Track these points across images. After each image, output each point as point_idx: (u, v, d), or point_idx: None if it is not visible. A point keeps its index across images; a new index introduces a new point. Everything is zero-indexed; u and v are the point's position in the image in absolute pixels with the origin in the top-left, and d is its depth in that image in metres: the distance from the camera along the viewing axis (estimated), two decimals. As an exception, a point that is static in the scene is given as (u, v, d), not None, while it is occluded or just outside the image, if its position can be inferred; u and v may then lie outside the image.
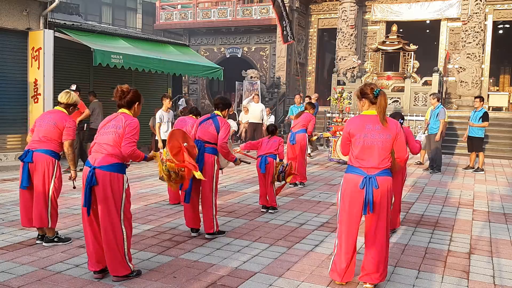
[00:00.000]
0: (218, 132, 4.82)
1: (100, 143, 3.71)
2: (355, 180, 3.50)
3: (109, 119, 3.84)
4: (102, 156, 3.64)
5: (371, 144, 3.49)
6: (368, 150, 3.49)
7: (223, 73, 13.59)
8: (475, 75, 16.38)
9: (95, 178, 3.59)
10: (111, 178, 3.59)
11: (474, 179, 9.28)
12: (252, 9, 20.81)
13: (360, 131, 3.54)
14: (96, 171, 3.60)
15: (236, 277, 3.76)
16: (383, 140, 3.48)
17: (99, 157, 3.65)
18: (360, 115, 3.67)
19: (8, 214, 5.60)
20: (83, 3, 22.11)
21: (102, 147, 3.68)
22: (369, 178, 3.45)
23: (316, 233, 5.12)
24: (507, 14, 17.70)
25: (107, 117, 3.89)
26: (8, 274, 3.70)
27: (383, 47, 15.71)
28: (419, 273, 3.97)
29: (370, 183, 3.44)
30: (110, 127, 3.73)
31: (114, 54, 10.20)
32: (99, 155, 3.67)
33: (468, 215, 6.20)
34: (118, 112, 3.84)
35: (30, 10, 9.51)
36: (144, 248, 4.42)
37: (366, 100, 3.61)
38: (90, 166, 3.64)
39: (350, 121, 3.73)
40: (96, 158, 3.66)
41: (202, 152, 4.76)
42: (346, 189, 3.57)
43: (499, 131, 14.00)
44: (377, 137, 3.48)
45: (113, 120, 3.78)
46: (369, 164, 3.48)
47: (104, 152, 3.65)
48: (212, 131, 4.83)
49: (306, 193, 7.39)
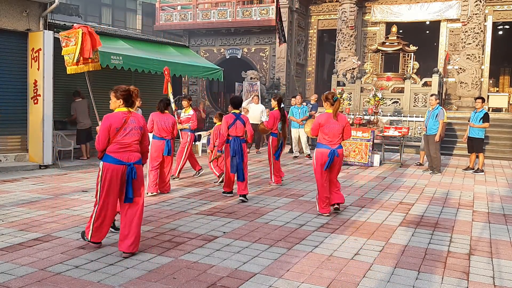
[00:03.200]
0: (245, 126, 6.83)
1: (128, 142, 4.26)
2: (325, 152, 5.83)
3: (123, 119, 4.26)
4: (134, 154, 4.31)
5: (333, 130, 5.84)
6: (331, 134, 5.84)
7: (223, 74, 13.59)
8: (475, 76, 16.38)
9: (136, 172, 4.27)
10: (139, 170, 4.36)
11: (474, 180, 9.28)
12: (252, 10, 20.82)
13: (326, 122, 5.86)
14: (136, 166, 4.30)
15: (236, 278, 3.76)
16: (338, 128, 5.86)
17: (132, 155, 4.29)
18: (325, 113, 5.96)
19: (8, 215, 5.60)
20: (83, 4, 22.12)
21: (131, 146, 4.29)
22: (333, 150, 5.82)
23: (316, 234, 5.12)
24: (506, 15, 17.71)
25: (118, 117, 4.25)
26: (8, 275, 3.70)
27: (383, 48, 15.70)
28: (419, 274, 3.97)
29: (333, 153, 5.81)
30: (131, 129, 4.28)
31: (114, 55, 10.21)
32: (131, 153, 4.28)
33: (468, 216, 6.20)
34: (127, 111, 4.33)
35: (30, 11, 9.51)
36: (144, 249, 4.42)
37: (328, 103, 5.95)
38: (126, 163, 4.24)
39: (319, 116, 6.00)
40: (129, 156, 4.26)
41: (240, 144, 6.73)
42: (319, 157, 5.87)
43: (499, 132, 14.01)
44: (335, 126, 5.85)
45: (130, 121, 4.29)
46: (332, 142, 5.85)
47: (134, 150, 4.32)
48: (242, 127, 6.81)
49: (306, 194, 7.39)
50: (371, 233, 5.21)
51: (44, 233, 4.85)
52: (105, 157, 4.25)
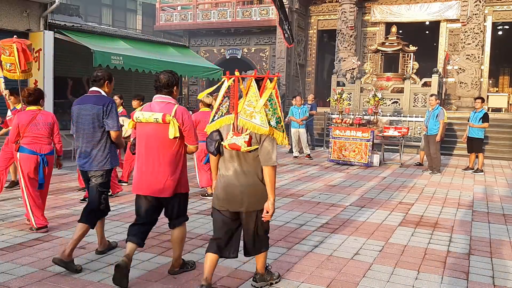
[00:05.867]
0: None
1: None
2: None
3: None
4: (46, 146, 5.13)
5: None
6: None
7: (223, 74, 13.58)
8: (475, 76, 16.38)
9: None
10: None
11: (473, 180, 9.29)
12: (252, 10, 20.83)
13: (202, 118, 6.41)
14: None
15: (236, 278, 3.76)
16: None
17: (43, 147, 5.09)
18: (201, 111, 6.68)
19: (8, 215, 5.61)
20: (83, 5, 22.11)
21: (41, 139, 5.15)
22: None
23: (316, 233, 5.13)
24: (506, 15, 17.72)
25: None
26: (8, 275, 3.70)
27: (383, 48, 15.70)
28: (418, 274, 3.98)
29: None
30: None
31: (114, 55, 10.22)
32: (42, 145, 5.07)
33: (467, 216, 6.21)
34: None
35: (30, 11, 9.52)
36: (144, 249, 4.41)
37: (202, 104, 6.76)
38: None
39: (196, 114, 6.57)
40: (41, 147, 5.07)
41: None
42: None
43: (498, 132, 14.01)
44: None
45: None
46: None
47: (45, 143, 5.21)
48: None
49: (305, 194, 7.39)
50: (371, 233, 5.21)
51: (44, 233, 4.86)
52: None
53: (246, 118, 3.15)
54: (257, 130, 3.11)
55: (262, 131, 3.11)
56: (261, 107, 3.12)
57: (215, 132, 3.32)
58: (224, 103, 3.30)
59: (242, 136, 3.12)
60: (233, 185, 3.22)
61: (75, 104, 4.11)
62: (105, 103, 4.00)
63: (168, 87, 3.61)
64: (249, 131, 3.13)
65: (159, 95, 3.63)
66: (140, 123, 3.61)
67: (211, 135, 3.33)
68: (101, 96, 4.07)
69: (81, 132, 4.04)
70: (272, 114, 3.16)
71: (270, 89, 3.20)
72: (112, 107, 4.02)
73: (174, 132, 3.48)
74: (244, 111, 3.17)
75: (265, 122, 3.10)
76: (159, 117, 3.49)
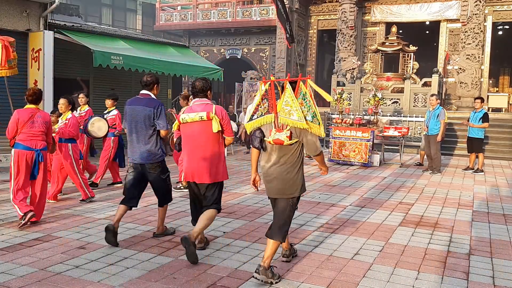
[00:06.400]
0: None
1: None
2: None
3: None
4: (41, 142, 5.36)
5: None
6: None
7: (222, 74, 13.59)
8: (475, 76, 16.38)
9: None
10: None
11: (473, 180, 9.29)
12: (252, 10, 20.84)
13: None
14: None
15: (236, 278, 3.76)
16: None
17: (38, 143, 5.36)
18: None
19: (8, 215, 5.61)
20: (83, 4, 22.12)
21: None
22: None
23: (316, 234, 5.13)
24: (506, 15, 17.72)
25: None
26: (8, 275, 3.70)
27: (383, 48, 15.70)
28: (418, 274, 3.97)
29: None
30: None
31: (114, 55, 10.22)
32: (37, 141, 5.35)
33: (467, 216, 6.20)
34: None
35: (30, 11, 9.52)
36: (144, 249, 4.42)
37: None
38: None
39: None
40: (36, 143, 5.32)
41: None
42: None
43: (498, 132, 14.01)
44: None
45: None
46: None
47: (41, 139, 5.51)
48: None
49: (305, 194, 7.39)
50: (371, 233, 5.21)
51: (44, 233, 4.86)
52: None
53: (285, 116, 3.61)
54: (296, 125, 3.58)
55: (301, 125, 3.56)
56: (297, 106, 3.58)
57: (258, 130, 3.79)
58: (263, 104, 3.77)
59: (284, 132, 3.62)
60: (271, 175, 3.74)
61: (128, 104, 4.64)
62: (156, 106, 4.56)
63: (203, 91, 4.27)
64: (289, 127, 3.61)
65: (197, 99, 4.28)
66: (186, 123, 4.24)
67: (254, 132, 3.80)
68: (151, 99, 4.62)
69: (134, 130, 4.58)
70: (308, 110, 3.60)
71: (303, 89, 3.68)
72: (161, 109, 4.58)
73: (217, 126, 4.14)
74: (283, 110, 3.63)
75: (302, 118, 3.56)
76: (203, 115, 4.14)
